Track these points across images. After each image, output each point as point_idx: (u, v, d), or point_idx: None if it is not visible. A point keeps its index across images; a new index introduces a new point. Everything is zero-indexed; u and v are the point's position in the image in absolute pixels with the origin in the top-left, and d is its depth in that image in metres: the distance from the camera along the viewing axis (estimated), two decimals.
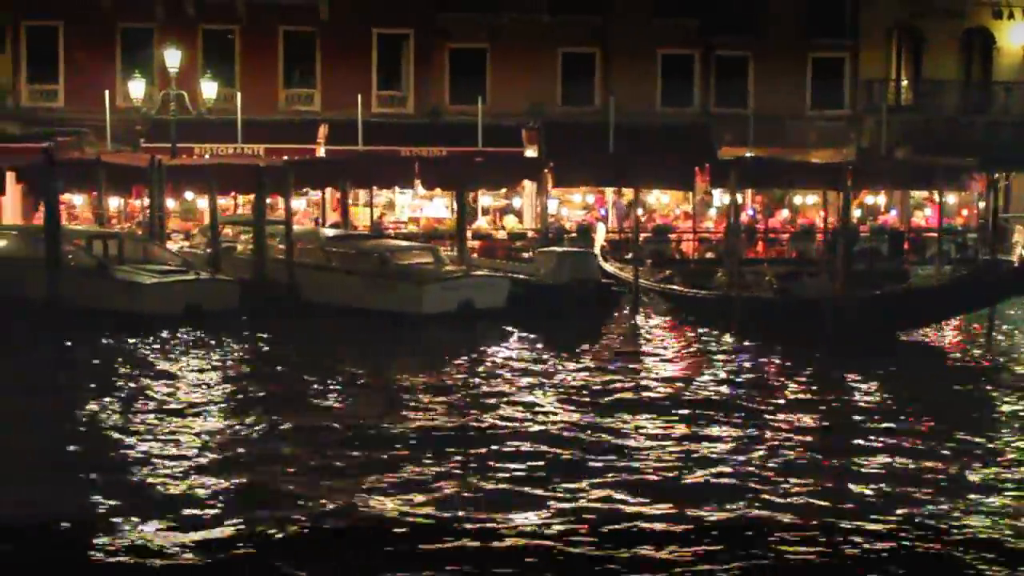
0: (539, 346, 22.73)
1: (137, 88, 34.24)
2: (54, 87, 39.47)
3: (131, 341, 22.41)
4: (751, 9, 39.93)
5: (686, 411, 16.72)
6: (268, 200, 28.97)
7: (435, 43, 39.88)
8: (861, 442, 15.11)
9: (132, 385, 18.48)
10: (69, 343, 22.21)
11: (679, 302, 27.11)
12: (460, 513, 11.77)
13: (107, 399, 17.29)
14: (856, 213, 33.85)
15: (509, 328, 24.33)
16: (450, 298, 24.72)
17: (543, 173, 32.61)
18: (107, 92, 35.90)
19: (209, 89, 34.48)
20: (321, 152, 37.98)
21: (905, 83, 41.00)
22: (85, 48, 39.17)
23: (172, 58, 33.72)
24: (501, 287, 25.52)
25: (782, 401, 17.89)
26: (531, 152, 38.55)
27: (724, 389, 18.76)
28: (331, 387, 18.55)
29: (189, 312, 24.10)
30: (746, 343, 23.06)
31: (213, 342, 22.61)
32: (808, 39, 40.18)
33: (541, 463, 13.70)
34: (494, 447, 14.38)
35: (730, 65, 40.30)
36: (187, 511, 11.78)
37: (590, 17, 39.74)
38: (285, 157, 35.79)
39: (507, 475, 13.18)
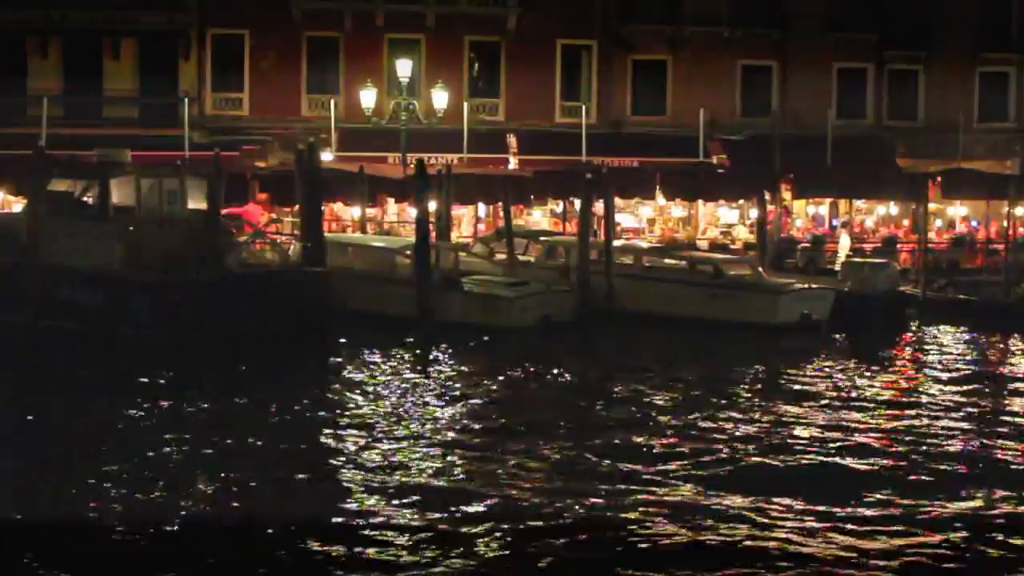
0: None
1: (368, 97, 34.12)
2: (239, 95, 39.16)
3: (496, 350, 22.65)
4: (923, 23, 40.84)
5: None
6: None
7: (617, 54, 40.25)
8: None
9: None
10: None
11: (974, 310, 27.75)
12: None
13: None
14: None
15: (840, 338, 25.03)
16: (796, 309, 25.19)
17: (779, 184, 33.09)
18: (333, 101, 35.85)
19: (440, 99, 34.42)
20: (513, 163, 38.15)
21: None
22: (270, 57, 38.99)
23: (404, 68, 33.71)
24: (828, 298, 25.98)
25: None
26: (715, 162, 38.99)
27: None
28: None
29: (543, 324, 24.28)
30: None
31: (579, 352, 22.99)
32: (977, 53, 41.19)
33: None
34: None
35: (902, 78, 41.21)
36: None
37: (769, 30, 40.36)
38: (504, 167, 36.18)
39: None
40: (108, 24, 37.98)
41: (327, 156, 37.43)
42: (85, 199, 23.32)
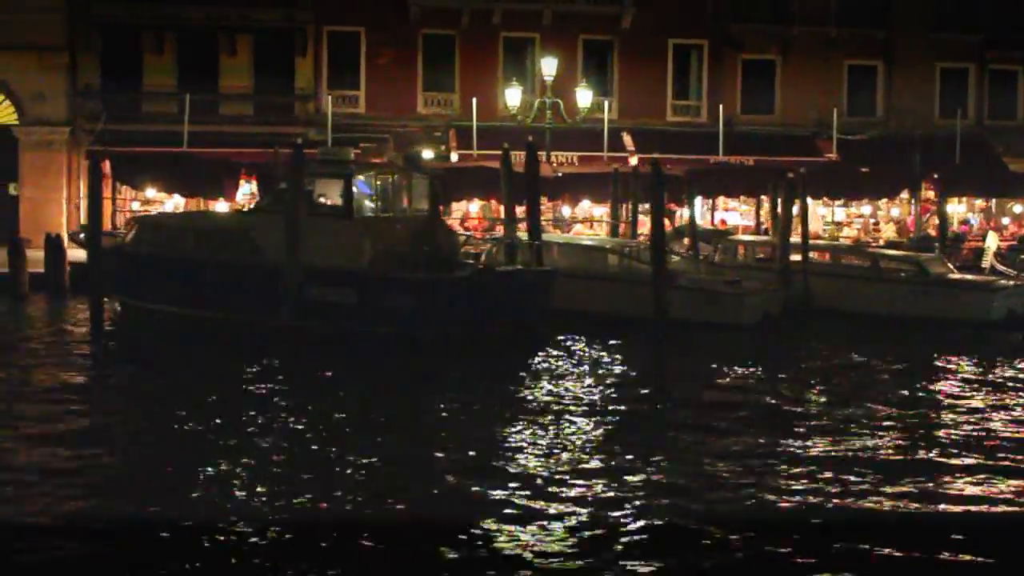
0: None
1: (513, 95, 34.09)
2: (355, 93, 38.95)
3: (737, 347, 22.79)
4: (1022, 24, 41.50)
5: None
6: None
7: (727, 54, 40.51)
8: None
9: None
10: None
11: None
12: None
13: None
14: None
15: None
16: (1004, 306, 25.57)
17: (923, 183, 33.56)
18: (475, 99, 35.70)
19: (584, 98, 34.51)
20: (633, 161, 38.24)
21: None
22: (387, 55, 38.84)
23: (549, 66, 33.75)
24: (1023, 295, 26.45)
25: None
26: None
27: None
28: None
29: (765, 321, 24.49)
30: None
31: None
32: None
33: None
34: None
35: (1002, 78, 41.87)
36: None
37: (874, 30, 40.83)
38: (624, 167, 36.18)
39: None
40: (224, 21, 37.69)
41: (453, 156, 37.65)
42: (319, 198, 23.18)
